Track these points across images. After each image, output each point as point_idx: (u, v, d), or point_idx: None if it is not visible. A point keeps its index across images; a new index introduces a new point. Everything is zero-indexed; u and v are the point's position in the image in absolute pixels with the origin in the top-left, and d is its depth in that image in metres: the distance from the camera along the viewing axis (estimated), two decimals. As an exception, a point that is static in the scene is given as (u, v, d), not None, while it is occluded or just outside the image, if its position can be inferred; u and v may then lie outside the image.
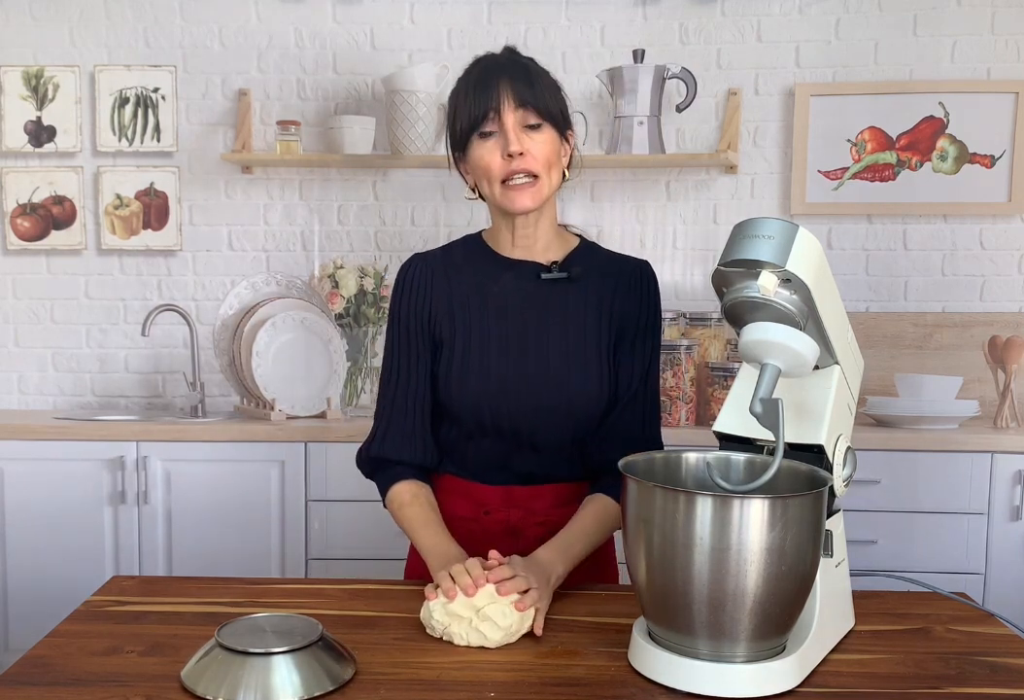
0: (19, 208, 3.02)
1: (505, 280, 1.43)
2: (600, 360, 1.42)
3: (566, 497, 1.46)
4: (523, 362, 1.41)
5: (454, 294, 1.44)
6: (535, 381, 1.40)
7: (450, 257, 1.48)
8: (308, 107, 3.01)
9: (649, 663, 1.06)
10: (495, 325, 1.42)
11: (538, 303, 1.43)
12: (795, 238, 1.05)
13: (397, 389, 1.46)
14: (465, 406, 1.41)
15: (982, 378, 2.82)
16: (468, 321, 1.43)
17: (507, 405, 1.40)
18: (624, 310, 1.44)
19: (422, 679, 1.05)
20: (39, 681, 1.04)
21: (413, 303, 1.45)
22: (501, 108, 1.32)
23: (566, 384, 1.40)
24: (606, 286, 1.44)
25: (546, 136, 1.35)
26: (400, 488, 1.44)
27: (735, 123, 2.89)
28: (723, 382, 2.62)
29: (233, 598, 1.31)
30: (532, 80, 1.35)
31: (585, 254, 1.47)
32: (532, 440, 1.43)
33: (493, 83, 1.33)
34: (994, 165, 2.87)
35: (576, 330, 1.42)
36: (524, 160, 1.33)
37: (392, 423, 1.46)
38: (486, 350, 1.41)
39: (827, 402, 1.14)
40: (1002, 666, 1.11)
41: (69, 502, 2.56)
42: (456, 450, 1.48)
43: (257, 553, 2.56)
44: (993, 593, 2.48)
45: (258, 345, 2.67)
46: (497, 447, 1.44)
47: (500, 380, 1.40)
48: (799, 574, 1.02)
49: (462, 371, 1.41)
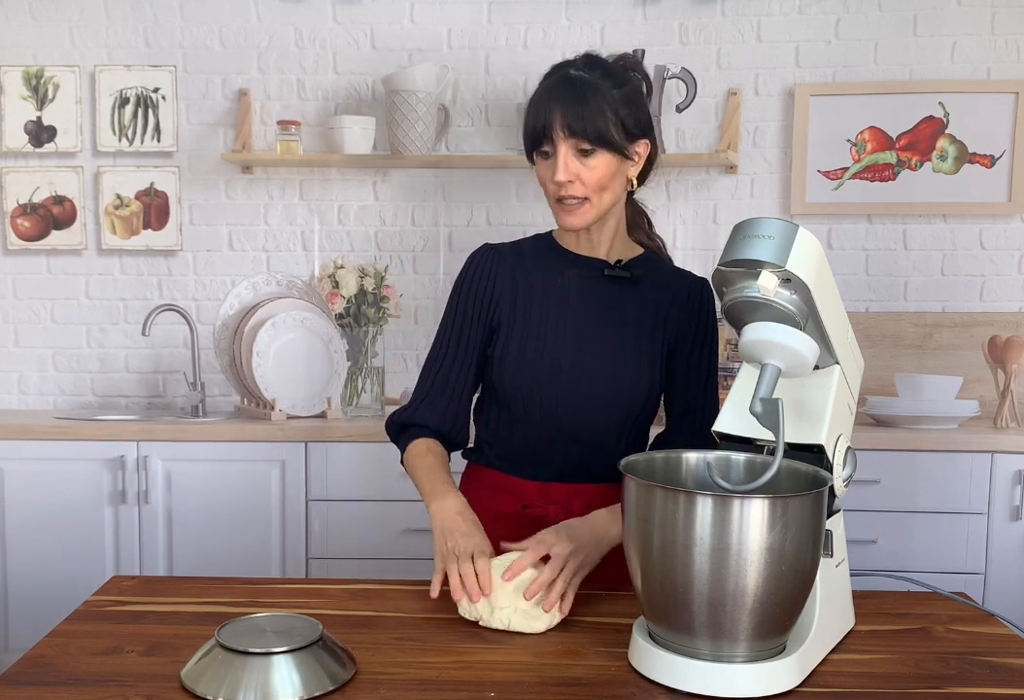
0: (19, 208, 3.02)
1: (570, 274, 1.49)
2: (652, 360, 1.47)
3: (604, 498, 1.46)
4: (577, 352, 1.45)
5: (519, 283, 1.49)
6: (586, 372, 1.44)
7: (519, 250, 1.54)
8: (308, 107, 3.01)
9: (649, 663, 1.06)
10: (554, 314, 1.47)
11: (598, 298, 1.48)
12: (795, 238, 1.05)
13: (440, 369, 1.51)
14: (515, 389, 1.45)
15: (982, 378, 2.82)
16: (529, 308, 1.48)
17: (556, 391, 1.44)
18: (680, 322, 1.50)
19: (422, 679, 1.05)
20: (39, 681, 1.04)
21: (476, 287, 1.50)
22: (554, 135, 1.36)
23: (616, 378, 1.44)
24: (664, 294, 1.50)
25: (599, 161, 1.38)
26: (418, 441, 1.49)
27: (735, 123, 2.89)
28: (723, 382, 2.61)
29: (233, 598, 1.31)
30: (586, 102, 1.35)
31: (648, 262, 1.53)
32: (575, 431, 1.46)
33: (549, 106, 1.36)
34: (994, 165, 2.87)
35: (632, 328, 1.47)
36: (572, 186, 1.38)
37: (428, 399, 1.51)
38: (543, 337, 1.46)
39: (827, 402, 1.14)
40: (1002, 666, 1.11)
41: (69, 502, 2.56)
42: (499, 437, 1.51)
43: (257, 553, 2.56)
44: (993, 593, 2.48)
45: (258, 345, 2.67)
46: (540, 436, 1.47)
47: (553, 367, 1.44)
48: (799, 574, 1.02)
49: (518, 354, 1.45)
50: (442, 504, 1.36)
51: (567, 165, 1.36)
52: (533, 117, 1.38)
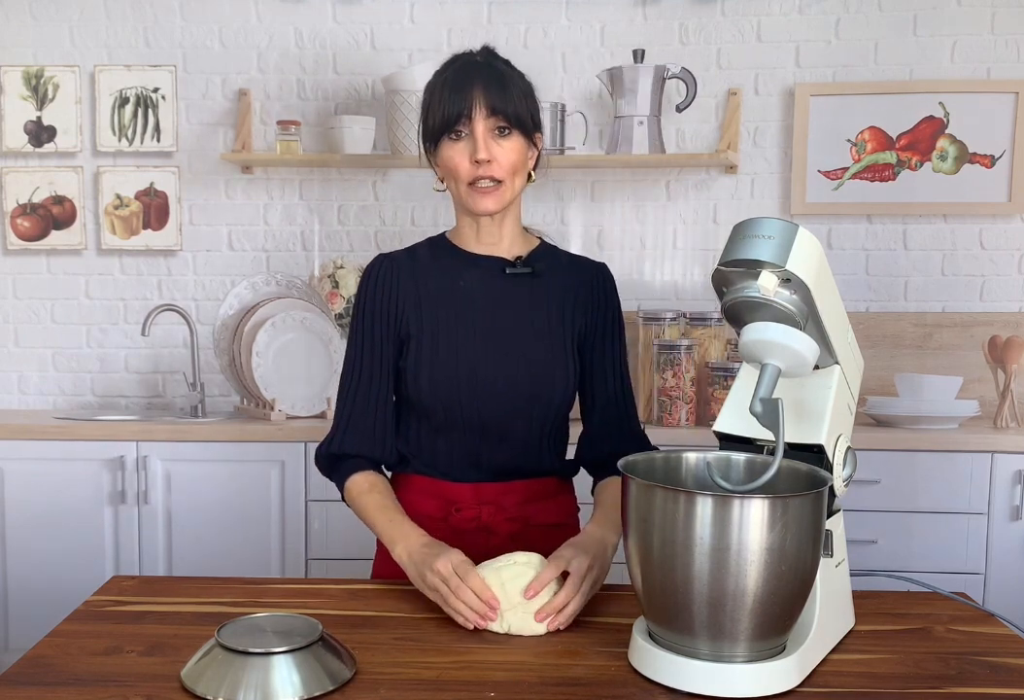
0: (19, 208, 3.02)
1: (471, 275, 1.47)
2: (565, 352, 1.47)
3: (536, 492, 1.48)
4: (491, 354, 1.43)
5: (421, 290, 1.47)
6: (503, 372, 1.43)
7: (415, 256, 1.51)
8: (308, 107, 3.01)
9: (649, 663, 1.06)
10: (463, 318, 1.45)
11: (503, 297, 1.46)
12: (795, 238, 1.05)
13: (359, 388, 1.47)
14: (434, 398, 1.42)
15: (982, 378, 2.82)
16: (436, 315, 1.45)
17: (476, 396, 1.42)
18: (587, 310, 1.49)
19: (422, 679, 1.05)
20: (39, 681, 1.04)
21: (379, 300, 1.46)
22: (473, 113, 1.36)
23: (534, 375, 1.43)
24: (567, 284, 1.49)
25: (514, 143, 1.39)
26: (357, 478, 1.44)
27: (735, 123, 2.89)
28: (723, 382, 2.62)
29: (233, 598, 1.31)
30: (505, 86, 1.38)
31: (546, 253, 1.52)
32: (500, 432, 1.44)
33: (468, 87, 1.37)
34: (994, 165, 2.87)
35: (541, 324, 1.46)
36: (490, 167, 1.37)
37: (352, 421, 1.46)
38: (454, 342, 1.43)
39: (827, 402, 1.14)
40: (1002, 666, 1.11)
41: (69, 502, 2.56)
42: (424, 447, 1.49)
43: (257, 553, 2.56)
44: (993, 593, 2.48)
45: (258, 345, 2.67)
46: (466, 441, 1.45)
47: (469, 371, 1.42)
48: (799, 574, 1.02)
49: (431, 364, 1.43)
50: (406, 544, 1.31)
51: (487, 142, 1.36)
52: (448, 100, 1.37)
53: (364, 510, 1.41)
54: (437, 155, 1.43)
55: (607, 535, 1.34)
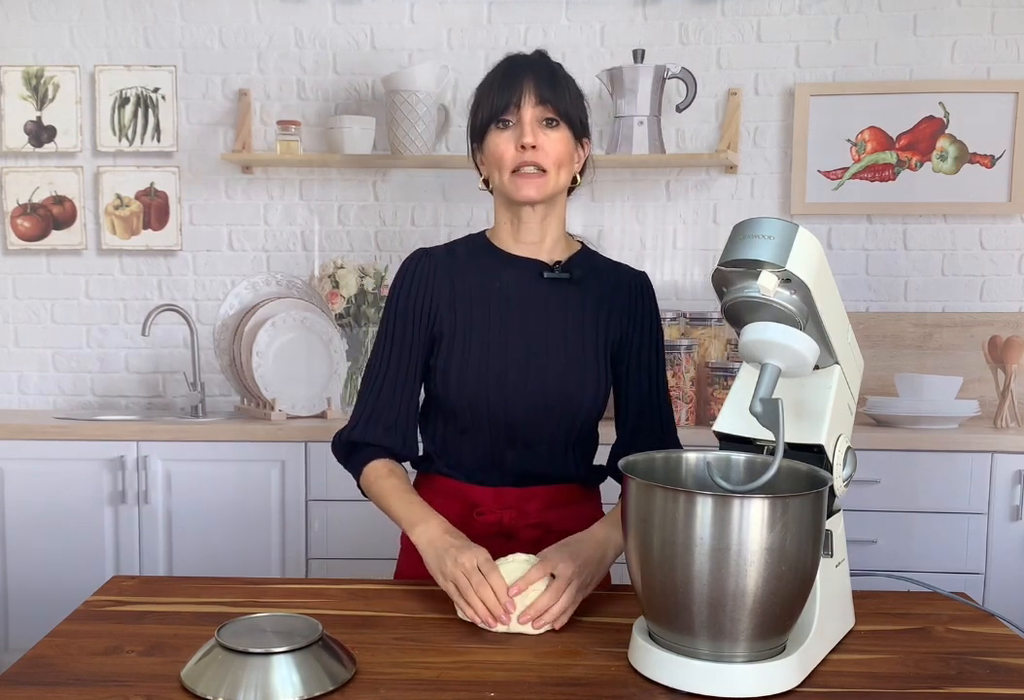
0: (19, 208, 3.02)
1: (508, 276, 1.45)
2: (597, 360, 1.44)
3: (560, 499, 1.47)
4: (523, 357, 1.42)
5: (457, 289, 1.45)
6: (533, 376, 1.41)
7: (454, 253, 1.49)
8: (308, 107, 3.01)
9: (649, 663, 1.06)
10: (497, 319, 1.43)
11: (539, 300, 1.44)
12: (795, 238, 1.05)
13: (385, 381, 1.45)
14: (462, 399, 1.41)
15: (982, 378, 2.82)
16: (470, 315, 1.44)
17: (504, 398, 1.40)
18: (623, 318, 1.47)
19: (422, 679, 1.05)
20: (39, 681, 1.04)
21: (414, 296, 1.45)
22: (522, 101, 1.37)
23: (564, 381, 1.42)
24: (605, 291, 1.47)
25: (561, 135, 1.39)
26: (376, 463, 1.44)
27: (735, 123, 2.89)
28: (723, 382, 2.62)
29: (233, 598, 1.31)
30: (556, 81, 1.39)
31: (585, 259, 1.50)
32: (527, 436, 1.43)
33: (518, 78, 1.38)
34: (994, 165, 2.87)
35: (575, 329, 1.44)
36: (536, 153, 1.37)
37: (375, 413, 1.45)
38: (486, 343, 1.42)
39: (827, 402, 1.14)
40: (1002, 666, 1.11)
41: (69, 502, 2.56)
42: (448, 448, 1.48)
43: (257, 553, 2.56)
44: (993, 593, 2.48)
45: (258, 345, 2.67)
46: (491, 443, 1.44)
47: (499, 373, 1.41)
48: (799, 574, 1.02)
49: (462, 363, 1.42)
50: (427, 528, 1.31)
51: (534, 130, 1.37)
52: (498, 90, 1.38)
53: (381, 493, 1.40)
54: (483, 148, 1.42)
55: (612, 534, 1.33)
